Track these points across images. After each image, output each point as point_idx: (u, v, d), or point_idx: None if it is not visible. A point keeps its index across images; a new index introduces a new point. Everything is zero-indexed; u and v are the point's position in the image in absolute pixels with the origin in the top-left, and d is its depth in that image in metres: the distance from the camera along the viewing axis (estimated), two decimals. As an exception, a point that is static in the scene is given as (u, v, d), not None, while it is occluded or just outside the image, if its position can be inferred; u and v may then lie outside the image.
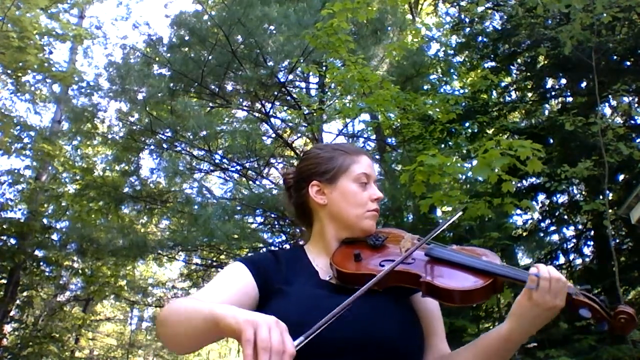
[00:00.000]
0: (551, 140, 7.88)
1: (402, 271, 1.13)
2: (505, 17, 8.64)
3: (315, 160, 1.32)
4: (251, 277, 1.15)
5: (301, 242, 1.40)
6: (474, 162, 5.43)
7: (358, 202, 1.25)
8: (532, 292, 1.03)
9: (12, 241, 11.30)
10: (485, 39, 9.00)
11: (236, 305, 0.97)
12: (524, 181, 8.17)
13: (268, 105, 10.07)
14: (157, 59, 9.79)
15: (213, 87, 9.77)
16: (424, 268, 1.13)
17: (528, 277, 1.04)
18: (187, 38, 9.46)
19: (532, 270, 1.06)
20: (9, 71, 10.58)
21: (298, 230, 9.56)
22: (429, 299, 1.14)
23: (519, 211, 7.33)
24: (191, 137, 9.18)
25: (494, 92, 8.94)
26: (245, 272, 1.15)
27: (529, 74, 8.94)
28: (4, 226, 11.12)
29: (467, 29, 9.17)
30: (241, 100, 10.46)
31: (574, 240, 8.86)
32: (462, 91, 8.41)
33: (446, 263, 1.14)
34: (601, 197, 6.09)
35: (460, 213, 1.23)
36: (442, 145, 7.31)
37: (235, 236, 8.28)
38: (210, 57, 8.85)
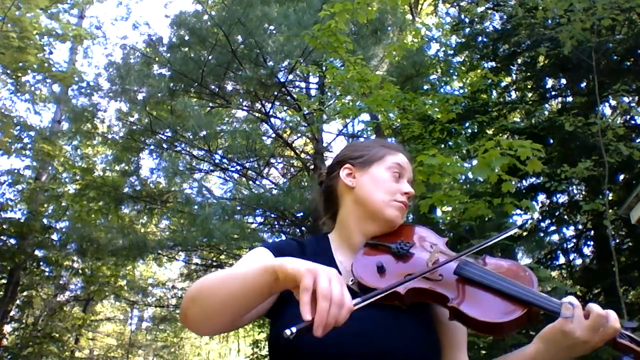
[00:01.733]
0: (551, 140, 7.88)
1: (428, 289, 1.04)
2: (505, 17, 8.64)
3: (352, 147, 1.32)
4: None
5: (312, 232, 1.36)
6: (474, 162, 5.43)
7: (387, 188, 1.20)
8: (568, 321, 0.95)
9: (12, 241, 11.30)
10: (485, 39, 9.00)
11: None
12: (524, 181, 8.18)
13: (268, 105, 10.08)
14: (157, 59, 9.79)
15: (213, 87, 9.77)
16: (452, 289, 1.03)
17: (562, 305, 0.96)
18: (187, 38, 9.46)
19: (565, 299, 0.98)
20: (9, 71, 10.58)
21: (298, 230, 9.57)
22: None
23: (519, 211, 7.32)
24: (191, 137, 9.18)
25: (494, 92, 8.94)
26: (271, 259, 1.10)
27: (529, 74, 8.94)
28: (4, 226, 11.12)
29: (467, 29, 9.17)
30: (241, 100, 10.46)
31: (574, 240, 8.87)
32: (461, 91, 8.41)
33: (477, 285, 1.03)
34: (601, 197, 6.09)
35: (512, 232, 1.09)
36: (442, 145, 7.30)
37: (235, 236, 8.28)
38: (210, 57, 8.86)
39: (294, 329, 0.80)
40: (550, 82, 9.36)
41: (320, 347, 0.96)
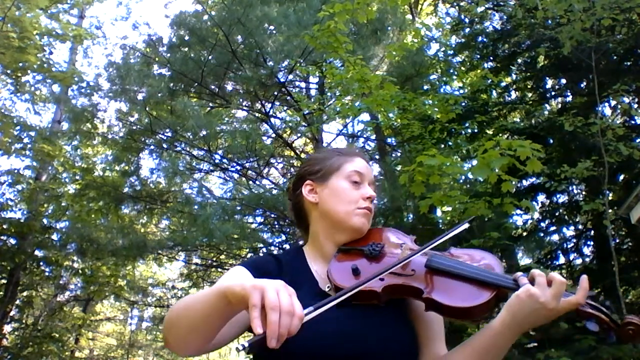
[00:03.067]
0: (551, 140, 7.87)
1: (402, 285, 1.09)
2: (505, 17, 8.64)
3: (310, 161, 1.34)
4: None
5: (301, 242, 1.39)
6: (474, 162, 5.43)
7: (348, 198, 1.22)
8: (530, 288, 1.01)
9: (12, 241, 11.30)
10: (485, 39, 9.00)
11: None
12: (524, 181, 8.17)
13: (268, 105, 10.08)
14: (157, 59, 9.79)
15: (213, 87, 9.77)
16: (425, 281, 1.09)
17: (518, 279, 1.04)
18: (187, 38, 9.46)
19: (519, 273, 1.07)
20: (9, 71, 10.58)
21: (298, 230, 9.56)
22: None
23: (519, 211, 7.32)
24: (191, 137, 9.17)
25: (494, 92, 8.93)
26: (248, 277, 1.11)
27: (529, 74, 8.94)
28: (4, 226, 11.12)
29: (467, 29, 9.17)
30: (241, 100, 10.46)
31: (574, 240, 8.86)
32: (461, 91, 8.41)
33: (447, 274, 1.09)
34: (601, 197, 6.09)
35: (466, 225, 1.19)
36: (442, 146, 7.30)
37: (235, 236, 8.27)
38: (210, 57, 8.86)
39: (246, 344, 0.81)
40: (550, 82, 9.37)
41: (302, 348, 0.99)
